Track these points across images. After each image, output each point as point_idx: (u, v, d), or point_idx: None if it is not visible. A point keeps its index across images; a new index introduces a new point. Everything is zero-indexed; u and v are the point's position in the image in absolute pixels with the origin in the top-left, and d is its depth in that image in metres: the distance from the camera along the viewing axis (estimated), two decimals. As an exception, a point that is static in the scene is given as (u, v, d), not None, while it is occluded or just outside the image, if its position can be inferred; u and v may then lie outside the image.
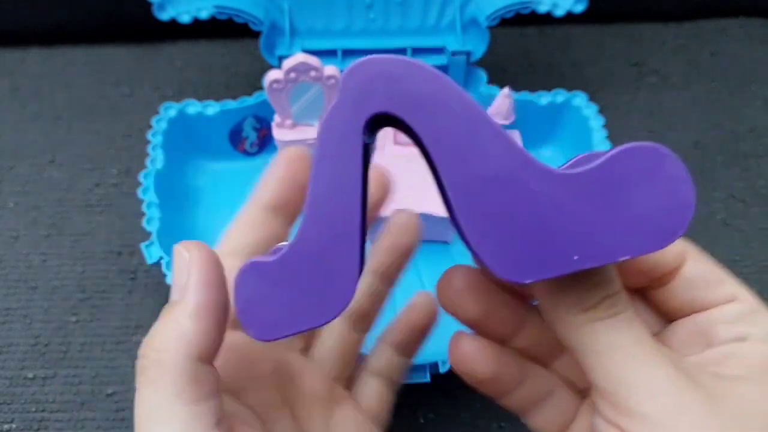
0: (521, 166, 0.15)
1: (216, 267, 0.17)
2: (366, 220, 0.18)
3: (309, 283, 0.16)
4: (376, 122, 0.16)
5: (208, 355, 0.17)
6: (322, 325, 0.16)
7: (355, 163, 0.15)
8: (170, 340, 0.16)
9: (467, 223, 0.15)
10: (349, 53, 0.43)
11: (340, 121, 0.15)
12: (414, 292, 0.25)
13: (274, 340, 0.16)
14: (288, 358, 0.22)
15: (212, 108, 0.42)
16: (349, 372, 0.24)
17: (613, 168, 0.15)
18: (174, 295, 0.17)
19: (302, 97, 0.38)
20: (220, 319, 0.17)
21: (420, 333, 0.24)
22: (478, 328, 0.20)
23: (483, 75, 0.44)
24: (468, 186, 0.15)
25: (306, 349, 0.23)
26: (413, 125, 0.15)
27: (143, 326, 0.37)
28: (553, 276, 0.15)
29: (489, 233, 0.15)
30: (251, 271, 0.16)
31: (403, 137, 0.39)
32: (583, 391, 0.21)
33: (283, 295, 0.16)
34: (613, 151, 0.15)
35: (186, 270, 0.17)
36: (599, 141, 0.40)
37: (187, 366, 0.16)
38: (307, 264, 0.16)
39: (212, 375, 0.17)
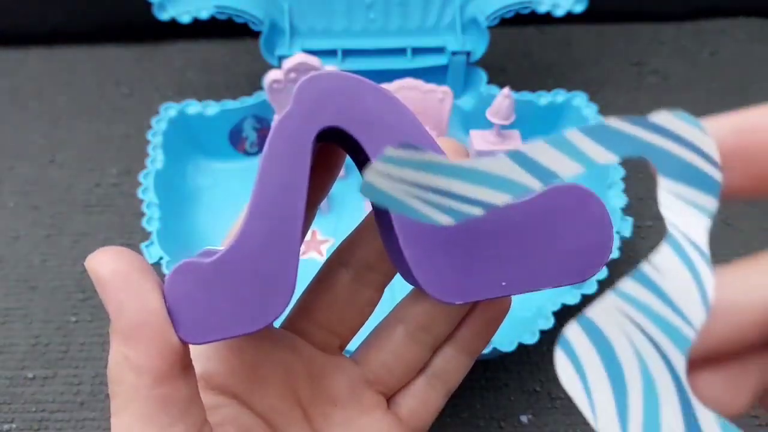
0: None
1: (133, 276, 0.15)
2: (307, 228, 0.18)
3: (244, 288, 0.16)
4: (322, 135, 0.16)
5: (169, 372, 0.15)
6: (255, 331, 0.16)
7: (302, 173, 0.16)
8: (122, 373, 0.15)
9: (406, 242, 0.16)
10: (349, 53, 0.43)
11: (291, 130, 0.16)
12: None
13: (204, 343, 0.16)
14: (313, 357, 0.21)
15: (212, 108, 0.42)
16: (398, 386, 0.21)
17: (543, 204, 0.17)
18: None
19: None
20: (163, 332, 0.15)
21: (493, 325, 0.21)
22: None
23: (483, 75, 0.44)
24: None
25: (342, 347, 0.21)
26: (362, 142, 0.16)
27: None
28: (482, 299, 0.17)
29: (426, 253, 0.16)
30: (185, 271, 0.16)
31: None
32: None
33: (217, 297, 0.16)
34: (544, 189, 0.17)
35: (101, 290, 0.15)
36: (599, 141, 0.40)
37: (148, 394, 0.15)
38: (244, 268, 0.16)
39: (183, 388, 0.16)
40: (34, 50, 0.52)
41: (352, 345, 0.22)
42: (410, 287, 0.21)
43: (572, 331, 0.15)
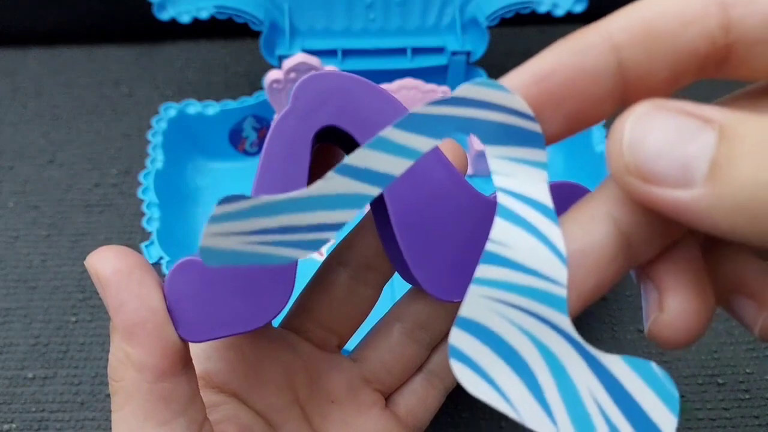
0: (458, 189, 0.17)
1: (133, 274, 0.15)
2: None
3: (244, 286, 0.16)
4: (320, 135, 0.16)
5: (170, 369, 0.16)
6: (254, 329, 0.16)
7: (301, 172, 0.16)
8: (123, 369, 0.15)
9: (405, 240, 0.16)
10: (349, 53, 0.43)
11: (290, 130, 0.16)
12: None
13: (204, 341, 0.16)
14: (312, 356, 0.21)
15: (212, 108, 0.42)
16: (396, 385, 0.21)
17: None
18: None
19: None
20: (163, 330, 0.15)
21: None
22: None
23: (483, 75, 0.44)
24: (408, 204, 0.16)
25: (340, 346, 0.21)
26: (361, 141, 0.16)
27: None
28: None
29: (424, 251, 0.16)
30: (185, 270, 0.16)
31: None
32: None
33: (217, 296, 0.16)
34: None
35: (101, 289, 0.15)
36: (599, 140, 0.40)
37: (148, 390, 0.15)
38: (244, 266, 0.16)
39: (184, 384, 0.16)
40: (34, 50, 0.52)
41: (351, 344, 0.22)
42: (409, 286, 0.21)
43: (455, 336, 0.14)
